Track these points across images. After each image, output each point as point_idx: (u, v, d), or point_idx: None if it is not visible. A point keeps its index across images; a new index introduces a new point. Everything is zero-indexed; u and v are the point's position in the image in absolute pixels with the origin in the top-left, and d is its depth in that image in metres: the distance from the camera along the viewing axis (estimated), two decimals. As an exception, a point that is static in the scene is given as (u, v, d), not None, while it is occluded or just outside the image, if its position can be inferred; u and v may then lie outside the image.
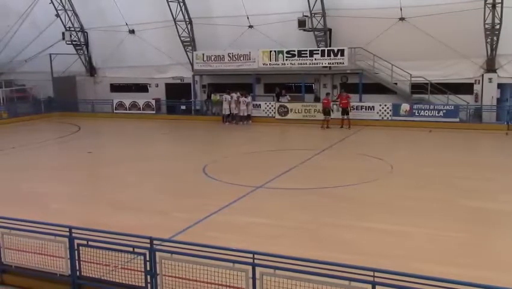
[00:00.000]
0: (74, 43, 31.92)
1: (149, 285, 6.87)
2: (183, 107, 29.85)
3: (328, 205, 11.75)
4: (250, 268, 6.26)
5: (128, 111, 30.75)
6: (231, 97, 26.14)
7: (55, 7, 30.59)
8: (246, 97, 26.24)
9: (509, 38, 22.52)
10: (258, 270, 6.24)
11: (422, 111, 23.98)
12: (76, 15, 31.61)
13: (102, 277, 7.24)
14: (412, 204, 11.50)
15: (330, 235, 9.68)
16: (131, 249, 7.04)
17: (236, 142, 21.82)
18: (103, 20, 30.67)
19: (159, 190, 13.38)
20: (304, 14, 25.45)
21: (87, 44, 32.62)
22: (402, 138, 22.28)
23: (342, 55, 25.11)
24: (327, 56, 25.42)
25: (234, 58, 27.52)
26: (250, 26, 27.53)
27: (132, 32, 30.65)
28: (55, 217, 9.48)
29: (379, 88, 25.29)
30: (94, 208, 11.82)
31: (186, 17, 28.34)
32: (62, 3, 30.62)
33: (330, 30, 26.06)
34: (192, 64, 29.02)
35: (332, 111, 24.14)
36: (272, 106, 26.86)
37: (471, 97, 24.20)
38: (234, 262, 6.34)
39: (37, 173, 16.08)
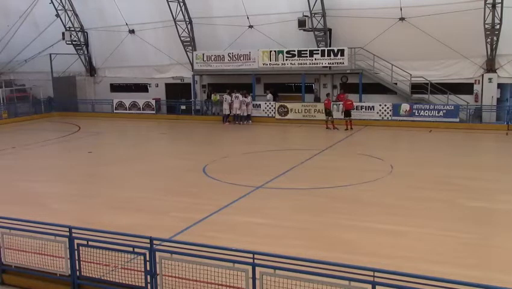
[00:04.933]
0: (74, 43, 31.92)
1: (149, 285, 6.87)
2: (183, 107, 29.86)
3: (328, 205, 11.75)
4: (250, 268, 6.26)
5: (128, 111, 30.76)
6: (236, 97, 26.10)
7: (55, 7, 30.59)
8: (246, 97, 26.25)
9: (509, 38, 22.53)
10: (258, 270, 6.24)
11: (422, 111, 23.98)
12: (76, 15, 31.62)
13: (102, 277, 7.24)
14: (413, 204, 11.50)
15: (330, 235, 9.67)
16: (131, 249, 7.04)
17: (236, 142, 21.81)
18: (103, 20, 30.72)
19: (159, 190, 13.38)
20: (304, 14, 25.46)
21: (87, 44, 32.63)
22: (402, 138, 22.30)
23: (342, 55, 25.11)
24: (327, 56, 25.41)
25: (234, 58, 27.52)
26: (250, 26, 27.53)
27: (132, 32, 30.66)
28: (55, 217, 9.51)
29: (379, 88, 25.30)
30: (94, 207, 11.81)
31: (186, 17, 28.35)
32: (62, 3, 30.62)
33: (330, 30, 26.08)
34: (192, 64, 29.03)
35: (332, 111, 24.07)
36: (272, 106, 26.87)
37: (471, 97, 24.20)
38: (234, 262, 6.34)
39: (37, 172, 16.07)
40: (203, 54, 28.25)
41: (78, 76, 33.61)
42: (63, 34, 31.01)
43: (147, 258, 6.83)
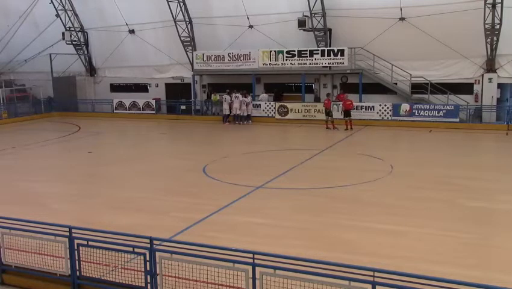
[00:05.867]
0: (74, 43, 31.93)
1: (149, 285, 6.87)
2: (183, 107, 29.86)
3: (328, 205, 11.75)
4: (250, 268, 6.26)
5: (127, 111, 30.76)
6: (236, 97, 26.09)
7: (55, 7, 30.59)
8: (246, 97, 26.25)
9: (509, 38, 22.53)
10: (258, 270, 6.24)
11: (422, 111, 23.98)
12: (76, 15, 31.62)
13: (102, 277, 7.24)
14: (413, 204, 11.50)
15: (330, 235, 9.67)
16: (131, 249, 7.04)
17: (236, 142, 21.81)
18: (103, 20, 30.72)
19: (159, 190, 13.38)
20: (304, 14, 25.46)
21: (87, 44, 32.63)
22: (402, 138, 22.29)
23: (342, 55, 25.11)
24: (327, 56, 25.41)
25: (234, 58, 27.52)
26: (250, 26, 27.54)
27: (132, 32, 30.66)
28: (55, 217, 9.51)
29: (379, 88, 25.29)
30: (94, 207, 11.81)
31: (186, 17, 28.35)
32: (62, 3, 30.62)
33: (330, 30, 26.08)
34: (192, 64, 29.03)
35: (331, 111, 24.07)
36: (272, 106, 26.87)
37: (471, 97, 24.20)
38: (234, 262, 6.34)
39: (37, 172, 16.07)
40: (203, 54, 28.25)
41: (78, 76, 33.60)
42: (63, 34, 31.00)
43: (147, 258, 6.83)
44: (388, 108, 24.64)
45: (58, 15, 30.99)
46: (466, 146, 20.16)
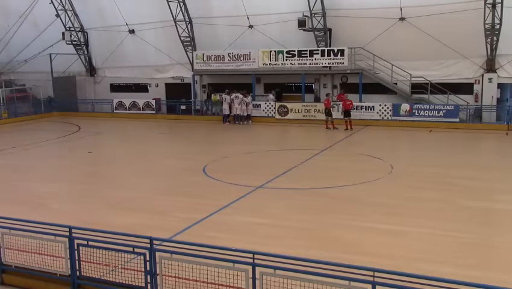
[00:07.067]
0: (74, 43, 31.93)
1: (149, 285, 6.87)
2: (183, 107, 29.86)
3: (328, 205, 11.75)
4: (250, 268, 6.26)
5: (127, 111, 30.76)
6: (236, 97, 26.09)
7: (55, 7, 30.60)
8: (246, 97, 26.25)
9: (509, 38, 22.54)
10: (258, 270, 6.24)
11: (422, 111, 23.98)
12: (76, 15, 31.62)
13: (102, 277, 7.24)
14: (413, 204, 11.50)
15: (330, 235, 9.67)
16: (131, 249, 7.04)
17: (236, 142, 21.80)
18: (103, 20, 30.73)
19: (159, 190, 13.37)
20: (304, 14, 25.46)
21: (87, 44, 32.63)
22: (402, 138, 22.29)
23: (342, 55, 25.12)
24: (327, 56, 25.41)
25: (234, 58, 27.52)
26: (250, 26, 27.54)
27: (132, 32, 30.66)
28: (55, 217, 9.51)
29: (379, 88, 25.29)
30: (94, 208, 11.81)
31: (186, 17, 28.35)
32: (62, 3, 30.62)
33: (330, 30, 26.08)
34: (192, 64, 29.04)
35: (331, 111, 24.05)
36: (272, 106, 26.87)
37: (471, 97, 24.21)
38: (234, 262, 6.34)
39: (37, 173, 16.08)
40: (203, 54, 28.25)
41: (78, 76, 33.61)
42: (63, 34, 31.01)
43: (147, 258, 6.83)
44: (388, 108, 24.64)
45: (58, 15, 30.98)
46: (466, 146, 20.16)
